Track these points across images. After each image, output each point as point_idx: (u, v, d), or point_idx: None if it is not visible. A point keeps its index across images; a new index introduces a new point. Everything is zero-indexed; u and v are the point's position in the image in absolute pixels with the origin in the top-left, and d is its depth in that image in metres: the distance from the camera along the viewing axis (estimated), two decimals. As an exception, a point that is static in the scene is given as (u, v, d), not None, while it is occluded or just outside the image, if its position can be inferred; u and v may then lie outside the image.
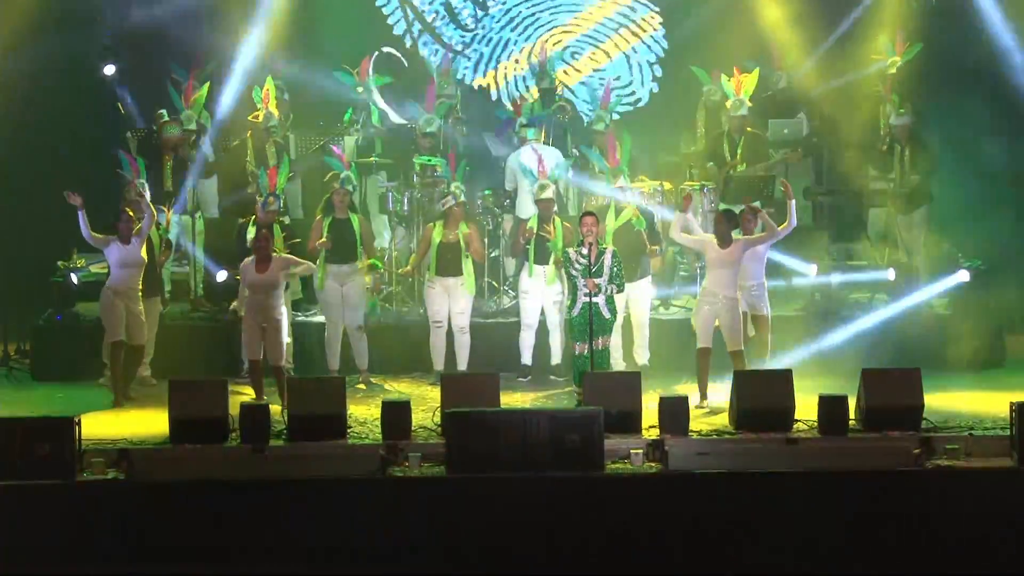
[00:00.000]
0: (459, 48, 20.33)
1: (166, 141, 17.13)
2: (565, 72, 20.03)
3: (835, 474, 12.90)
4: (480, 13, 20.45)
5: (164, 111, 17.48)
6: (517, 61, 20.46)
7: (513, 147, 17.57)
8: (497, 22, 20.52)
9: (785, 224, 15.14)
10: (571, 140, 18.24)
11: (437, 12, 20.44)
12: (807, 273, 16.69)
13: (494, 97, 20.36)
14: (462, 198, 16.06)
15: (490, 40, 20.52)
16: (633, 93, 20.44)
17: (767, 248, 15.35)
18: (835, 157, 18.85)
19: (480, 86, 20.36)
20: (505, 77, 20.49)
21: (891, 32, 18.76)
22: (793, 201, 15.12)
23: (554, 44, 20.22)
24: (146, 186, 15.90)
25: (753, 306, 15.40)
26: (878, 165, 17.88)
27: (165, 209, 16.46)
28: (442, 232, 15.97)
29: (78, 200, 15.06)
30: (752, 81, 17.99)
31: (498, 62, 20.45)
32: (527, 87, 19.78)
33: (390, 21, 20.26)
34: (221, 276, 16.28)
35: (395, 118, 18.23)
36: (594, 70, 20.49)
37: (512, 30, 20.47)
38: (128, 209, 15.52)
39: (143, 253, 15.38)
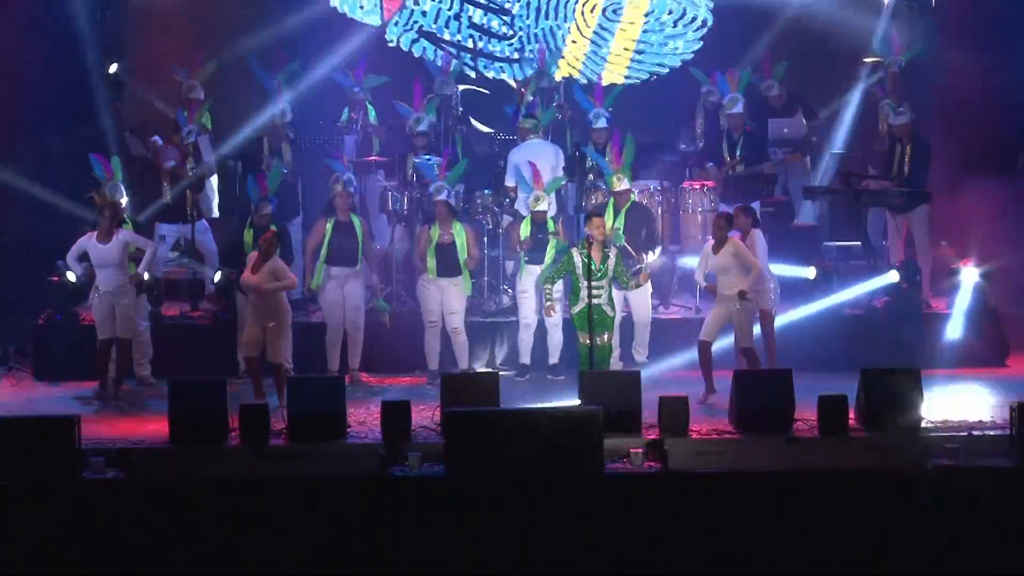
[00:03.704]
0: (516, 56, 20.17)
1: (162, 168, 17.05)
2: (622, 30, 19.95)
3: (835, 474, 12.91)
4: (506, 18, 20.35)
5: (158, 138, 17.38)
6: (575, 41, 20.33)
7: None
8: (528, 18, 20.39)
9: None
10: (570, 139, 18.23)
11: (472, 36, 20.30)
12: (807, 276, 16.66)
13: (584, 81, 20.02)
14: (441, 196, 16.04)
15: (536, 36, 20.37)
16: (694, 19, 20.19)
17: (764, 250, 15.44)
18: (833, 157, 18.90)
19: (565, 78, 19.97)
20: (577, 59, 20.34)
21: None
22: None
23: (590, 9, 20.07)
24: (119, 187, 15.89)
25: (757, 302, 15.39)
26: (878, 165, 17.88)
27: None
28: (438, 233, 15.98)
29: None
30: (745, 78, 18.01)
31: (560, 50, 20.27)
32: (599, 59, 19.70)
33: (439, 63, 19.72)
34: (217, 276, 16.25)
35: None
36: (645, 15, 20.25)
37: (546, 17, 20.34)
38: (104, 209, 15.50)
39: (126, 252, 15.42)
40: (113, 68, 18.73)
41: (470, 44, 20.18)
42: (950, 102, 18.45)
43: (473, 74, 19.85)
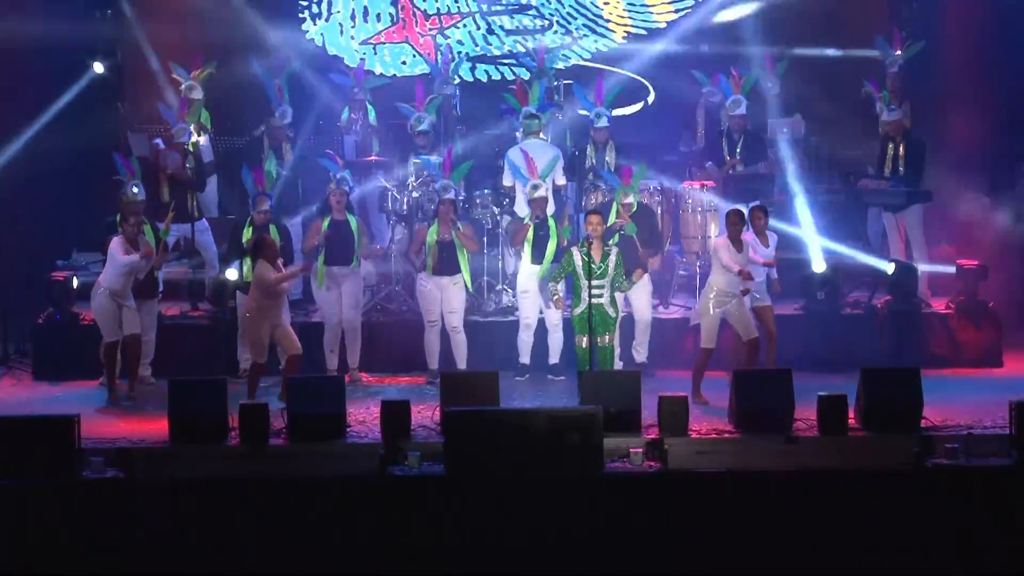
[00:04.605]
0: (570, 39, 20.11)
1: (163, 169, 17.07)
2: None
3: (835, 474, 12.91)
4: (532, 12, 20.35)
5: (159, 140, 17.40)
6: (607, 3, 20.30)
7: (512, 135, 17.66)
8: (552, 3, 20.31)
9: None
10: (570, 138, 18.23)
11: (517, 41, 20.31)
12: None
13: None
14: (449, 195, 16.05)
15: (572, 14, 20.35)
16: None
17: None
18: (833, 157, 18.89)
19: (599, 49, 20.06)
20: (618, 17, 20.26)
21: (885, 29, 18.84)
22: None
23: None
24: (140, 187, 15.86)
25: (754, 298, 15.36)
26: (873, 163, 17.85)
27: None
28: (437, 231, 15.98)
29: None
30: (749, 81, 18.03)
31: (600, 19, 20.22)
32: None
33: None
34: (232, 274, 16.20)
35: None
36: None
37: None
38: (136, 215, 15.52)
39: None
40: (99, 67, 18.72)
41: (520, 49, 20.21)
42: (949, 100, 18.46)
43: (555, 69, 19.81)
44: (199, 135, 17.88)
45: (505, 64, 20.20)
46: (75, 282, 16.63)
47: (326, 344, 16.08)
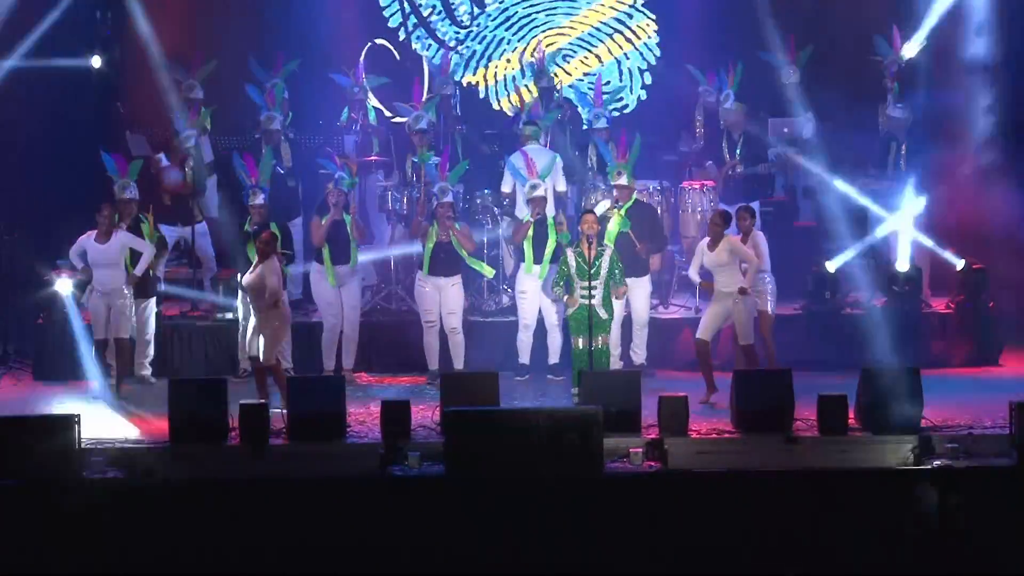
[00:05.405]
0: (452, 44, 20.19)
1: (164, 186, 17.11)
2: (555, 74, 19.68)
3: (834, 473, 12.91)
4: (477, 10, 20.34)
5: (162, 156, 17.38)
6: (508, 60, 20.31)
7: (514, 146, 17.65)
8: (493, 20, 20.30)
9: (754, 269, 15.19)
10: (570, 139, 18.23)
11: (434, 7, 20.33)
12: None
13: (481, 95, 20.14)
14: (447, 198, 16.03)
15: (484, 38, 20.32)
16: (621, 99, 19.99)
17: (766, 251, 15.45)
18: (836, 156, 18.87)
19: (470, 83, 20.09)
20: (495, 76, 20.35)
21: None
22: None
23: (547, 46, 19.94)
24: (132, 185, 15.84)
25: (755, 302, 15.36)
26: (875, 162, 17.83)
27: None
28: (435, 233, 15.98)
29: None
30: (739, 74, 17.96)
31: (490, 60, 20.25)
32: (523, 86, 19.49)
33: (386, 13, 20.07)
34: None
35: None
36: (585, 74, 20.26)
37: (507, 29, 20.28)
38: (110, 206, 15.49)
39: (124, 254, 15.41)
40: (96, 62, 18.70)
41: (425, 12, 20.15)
42: (950, 99, 18.46)
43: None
44: (202, 134, 17.87)
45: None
46: (68, 285, 16.49)
47: (324, 345, 16.08)
